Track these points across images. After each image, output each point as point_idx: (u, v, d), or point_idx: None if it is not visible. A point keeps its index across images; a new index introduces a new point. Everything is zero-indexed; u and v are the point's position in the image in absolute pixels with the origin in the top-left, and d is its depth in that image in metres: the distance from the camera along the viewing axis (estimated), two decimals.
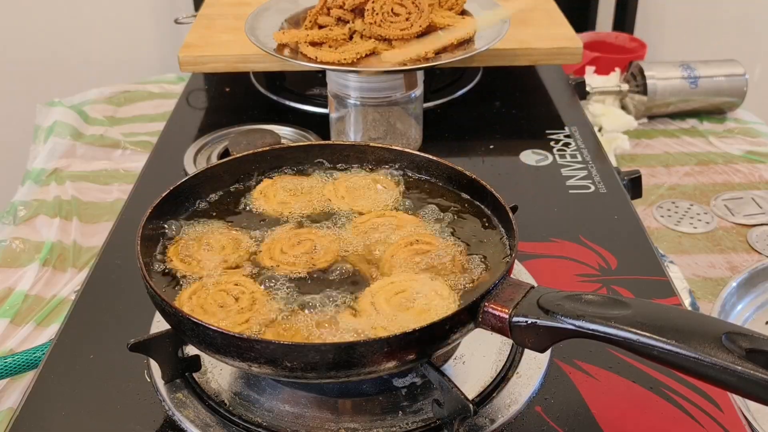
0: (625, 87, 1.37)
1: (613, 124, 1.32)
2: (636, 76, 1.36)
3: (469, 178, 0.68)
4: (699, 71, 1.34)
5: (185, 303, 0.57)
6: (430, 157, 0.71)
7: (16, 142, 1.58)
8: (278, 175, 0.73)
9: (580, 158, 0.95)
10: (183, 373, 0.61)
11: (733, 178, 1.21)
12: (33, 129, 1.32)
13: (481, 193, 0.67)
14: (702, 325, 0.47)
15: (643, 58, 1.52)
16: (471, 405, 0.52)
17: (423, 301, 0.56)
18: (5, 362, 0.74)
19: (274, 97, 1.12)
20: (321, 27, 0.95)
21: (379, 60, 0.88)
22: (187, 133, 1.02)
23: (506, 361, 0.63)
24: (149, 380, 0.62)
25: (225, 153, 0.94)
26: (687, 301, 0.91)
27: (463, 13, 1.01)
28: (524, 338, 0.52)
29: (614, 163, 1.10)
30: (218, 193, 0.70)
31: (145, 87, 1.46)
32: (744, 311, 0.95)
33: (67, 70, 1.92)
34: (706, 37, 1.97)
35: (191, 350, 0.62)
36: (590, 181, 0.90)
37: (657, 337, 0.46)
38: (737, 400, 0.63)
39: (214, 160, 0.94)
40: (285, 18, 1.01)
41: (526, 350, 0.64)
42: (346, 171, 0.73)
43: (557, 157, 0.95)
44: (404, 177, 0.72)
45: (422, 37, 0.91)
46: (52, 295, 0.93)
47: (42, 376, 0.63)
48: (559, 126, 1.03)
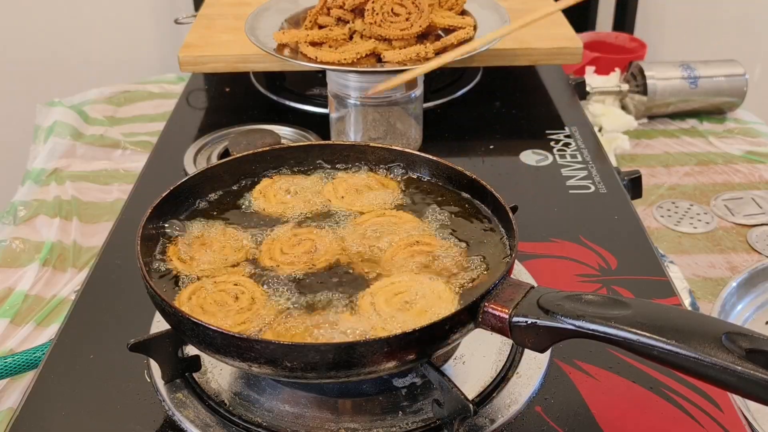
0: (625, 87, 1.37)
1: (613, 124, 1.32)
2: (636, 76, 1.36)
3: (469, 178, 0.68)
4: (699, 71, 1.34)
5: (184, 303, 0.57)
6: (430, 157, 0.71)
7: (16, 142, 1.58)
8: (278, 175, 0.73)
9: (580, 158, 0.95)
10: (183, 373, 0.61)
11: (733, 178, 1.21)
12: (33, 129, 1.32)
13: (481, 193, 0.67)
14: (702, 325, 0.47)
15: (643, 58, 1.52)
16: (471, 405, 0.52)
17: (423, 301, 0.56)
18: (5, 362, 0.74)
19: (274, 97, 1.12)
20: (321, 27, 0.95)
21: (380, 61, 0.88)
22: (187, 133, 1.02)
23: (506, 361, 0.63)
24: (149, 380, 0.62)
25: (225, 153, 0.94)
26: (687, 301, 0.91)
27: (463, 13, 1.01)
28: (524, 338, 0.52)
29: (614, 163, 1.09)
30: (218, 193, 0.70)
31: (145, 87, 1.46)
32: (744, 311, 0.95)
33: (67, 70, 1.92)
34: (706, 37, 1.97)
35: (191, 350, 0.62)
36: (590, 181, 0.90)
37: (657, 337, 0.46)
38: (737, 400, 0.63)
39: (214, 160, 0.94)
40: (285, 18, 1.01)
41: (526, 350, 0.64)
42: (346, 171, 0.73)
43: (557, 157, 0.95)
44: (404, 177, 0.72)
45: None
46: (52, 295, 0.93)
47: (42, 376, 0.63)
48: (559, 126, 1.03)
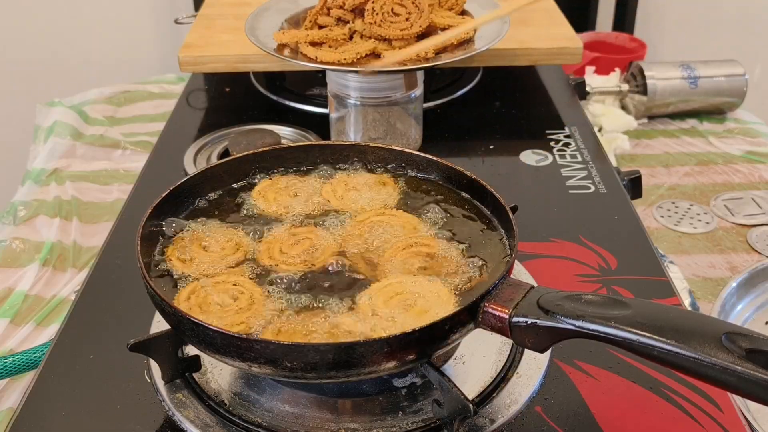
0: (625, 87, 1.37)
1: (613, 124, 1.32)
2: (636, 76, 1.36)
3: (469, 178, 0.68)
4: (699, 71, 1.34)
5: (183, 302, 0.57)
6: (430, 157, 0.71)
7: (16, 142, 1.58)
8: (278, 175, 0.73)
9: (580, 158, 0.95)
10: (183, 373, 0.61)
11: (733, 178, 1.21)
12: (33, 129, 1.32)
13: (481, 193, 0.67)
14: (702, 325, 0.47)
15: (643, 58, 1.52)
16: (471, 405, 0.52)
17: (422, 302, 0.56)
18: (5, 362, 0.74)
19: (274, 97, 1.12)
20: (321, 27, 0.95)
21: (380, 60, 0.88)
22: (187, 133, 1.02)
23: (506, 361, 0.63)
24: (149, 380, 0.62)
25: (225, 153, 0.94)
26: (687, 301, 0.91)
27: (463, 13, 1.01)
28: (524, 338, 0.52)
29: (614, 163, 1.10)
30: (218, 193, 0.70)
31: (145, 87, 1.46)
32: (744, 311, 0.95)
33: (67, 70, 1.92)
34: (706, 37, 1.97)
35: (191, 350, 0.62)
36: (590, 181, 0.90)
37: (657, 337, 0.46)
38: (737, 400, 0.63)
39: (214, 160, 0.94)
40: (285, 18, 1.01)
41: (526, 350, 0.64)
42: (346, 171, 0.73)
43: (557, 157, 0.95)
44: (404, 177, 0.72)
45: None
46: (52, 295, 0.93)
47: (42, 376, 0.63)
48: (559, 126, 1.03)
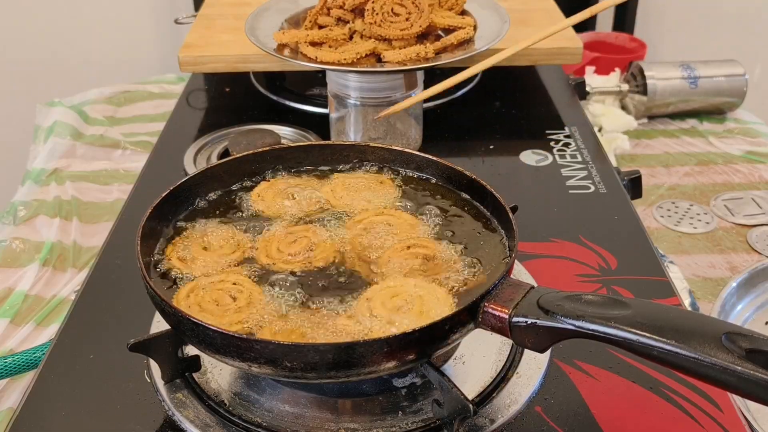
0: (625, 87, 1.37)
1: (613, 124, 1.32)
2: (636, 76, 1.36)
3: (469, 178, 0.68)
4: (699, 71, 1.34)
5: (182, 301, 0.57)
6: (430, 157, 0.71)
7: (16, 142, 1.58)
8: (278, 175, 0.73)
9: (580, 158, 0.95)
10: (183, 373, 0.61)
11: (733, 178, 1.21)
12: (33, 129, 1.31)
13: (481, 193, 0.67)
14: (702, 325, 0.47)
15: (643, 58, 1.52)
16: (471, 405, 0.52)
17: (420, 303, 0.56)
18: (5, 362, 0.74)
19: (274, 97, 1.12)
20: (321, 27, 0.95)
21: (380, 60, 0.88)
22: (187, 133, 1.02)
23: (506, 361, 0.63)
24: (149, 380, 0.62)
25: (225, 153, 0.94)
26: (687, 301, 0.91)
27: (463, 13, 1.01)
28: (524, 338, 0.52)
29: (614, 163, 1.10)
30: (218, 193, 0.70)
31: (145, 87, 1.46)
32: (744, 311, 0.95)
33: (67, 70, 1.92)
34: (706, 37, 1.97)
35: (191, 350, 0.62)
36: (590, 181, 0.90)
37: (657, 338, 0.46)
38: (737, 400, 0.63)
39: (214, 160, 0.94)
40: (285, 18, 1.01)
41: (526, 350, 0.64)
42: (346, 171, 0.73)
43: (557, 157, 0.95)
44: (404, 177, 0.72)
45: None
46: (52, 295, 0.93)
47: (42, 376, 0.63)
48: (559, 126, 1.03)
